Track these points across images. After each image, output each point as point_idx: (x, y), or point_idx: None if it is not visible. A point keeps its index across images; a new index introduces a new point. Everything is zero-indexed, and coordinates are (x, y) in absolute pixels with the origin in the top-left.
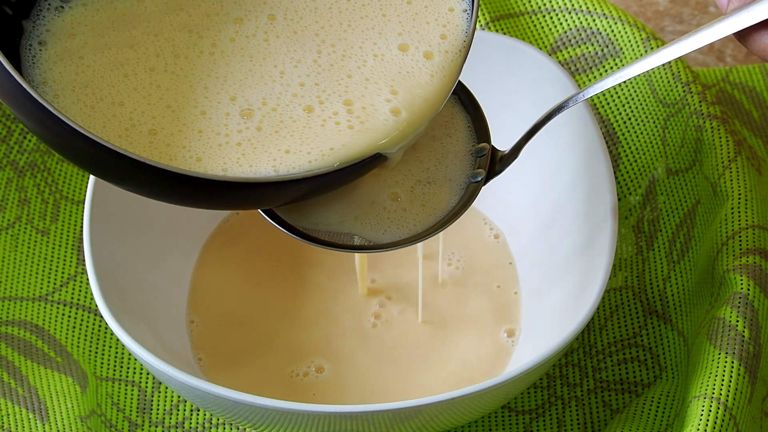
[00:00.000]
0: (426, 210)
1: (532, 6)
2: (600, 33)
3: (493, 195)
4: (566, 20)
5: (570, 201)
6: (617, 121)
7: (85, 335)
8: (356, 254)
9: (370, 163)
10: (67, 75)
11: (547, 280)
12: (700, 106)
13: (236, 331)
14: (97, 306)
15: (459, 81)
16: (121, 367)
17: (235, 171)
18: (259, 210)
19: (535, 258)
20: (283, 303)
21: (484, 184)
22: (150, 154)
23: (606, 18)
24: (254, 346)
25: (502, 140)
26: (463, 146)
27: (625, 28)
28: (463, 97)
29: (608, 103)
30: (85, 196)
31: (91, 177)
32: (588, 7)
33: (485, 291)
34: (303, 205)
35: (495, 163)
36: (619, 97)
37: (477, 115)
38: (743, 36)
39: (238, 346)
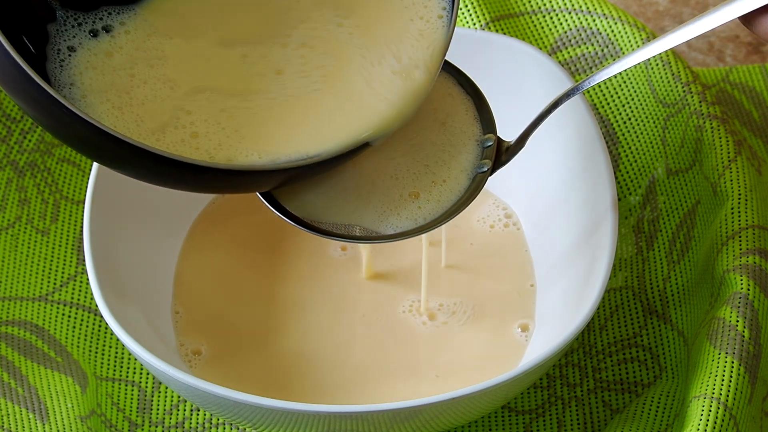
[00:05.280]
0: (440, 204)
1: (532, 6)
2: (600, 33)
3: (496, 194)
4: (566, 20)
5: (569, 201)
6: (617, 121)
7: (85, 335)
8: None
9: (358, 150)
10: (100, 83)
11: (549, 279)
12: (700, 106)
13: (228, 324)
14: (97, 306)
15: (464, 74)
16: (121, 367)
17: (241, 159)
18: (272, 209)
19: (537, 256)
20: (276, 290)
21: (491, 175)
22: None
23: (606, 18)
24: (247, 339)
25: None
26: (472, 137)
27: (625, 28)
28: (468, 90)
29: (608, 103)
30: (85, 196)
31: (91, 177)
32: (588, 7)
33: (494, 286)
34: (315, 200)
35: (501, 153)
36: (619, 97)
37: (482, 107)
38: (748, 20)
39: (230, 339)
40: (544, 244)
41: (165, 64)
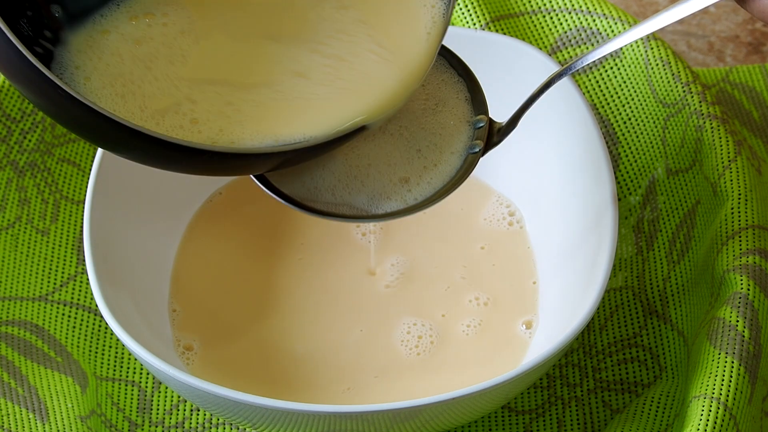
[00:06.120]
0: (430, 186)
1: (532, 6)
2: (600, 33)
3: (500, 192)
4: (566, 20)
5: (569, 200)
6: (617, 121)
7: (85, 335)
8: (371, 241)
9: (354, 134)
10: (114, 70)
11: (551, 277)
12: (700, 106)
13: (225, 321)
14: (97, 306)
15: (456, 56)
16: (121, 367)
17: (238, 143)
18: (264, 188)
19: (540, 254)
20: (274, 286)
21: (483, 155)
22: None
23: (606, 18)
24: (244, 336)
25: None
26: (464, 119)
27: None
28: (460, 71)
29: (608, 103)
30: (85, 196)
31: (91, 177)
32: (588, 7)
33: (498, 283)
34: (308, 183)
35: (493, 134)
36: (619, 97)
37: (474, 89)
38: None
39: (227, 336)
40: (546, 242)
41: (185, 64)
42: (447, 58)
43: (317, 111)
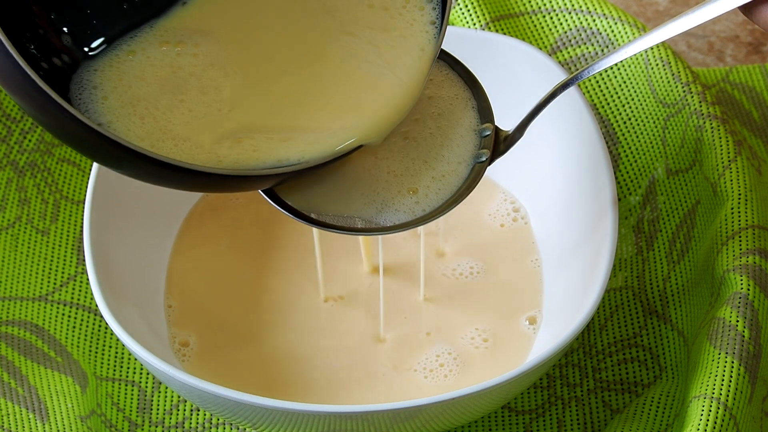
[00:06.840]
0: (438, 196)
1: (532, 6)
2: (600, 33)
3: (505, 188)
4: (566, 20)
5: (570, 201)
6: (617, 121)
7: (85, 335)
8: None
9: (354, 150)
10: (136, 92)
11: (554, 274)
12: (700, 106)
13: (220, 317)
14: (97, 306)
15: (461, 63)
16: (121, 367)
17: (241, 164)
18: (272, 202)
19: (544, 252)
20: (268, 283)
21: (489, 164)
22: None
23: (606, 18)
24: (238, 333)
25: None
26: (470, 128)
27: (625, 28)
28: (465, 79)
29: (608, 104)
30: (85, 196)
31: (91, 177)
32: (588, 7)
33: (502, 279)
34: (314, 194)
35: (499, 142)
36: (619, 98)
37: (479, 96)
38: (748, 9)
39: (222, 332)
40: (549, 239)
41: (219, 94)
42: (451, 65)
43: (317, 135)
